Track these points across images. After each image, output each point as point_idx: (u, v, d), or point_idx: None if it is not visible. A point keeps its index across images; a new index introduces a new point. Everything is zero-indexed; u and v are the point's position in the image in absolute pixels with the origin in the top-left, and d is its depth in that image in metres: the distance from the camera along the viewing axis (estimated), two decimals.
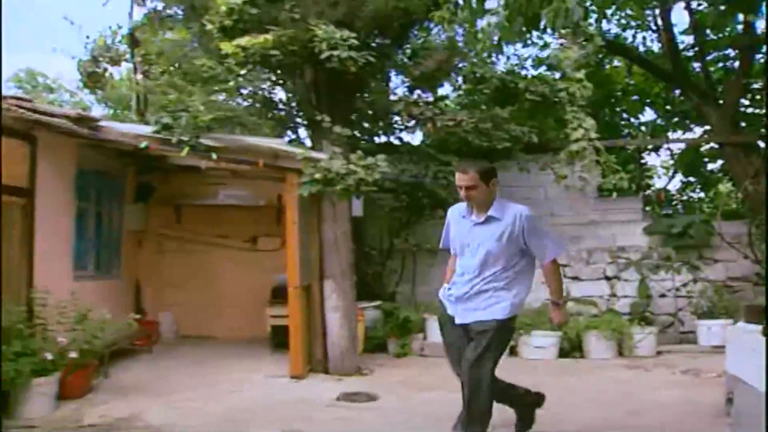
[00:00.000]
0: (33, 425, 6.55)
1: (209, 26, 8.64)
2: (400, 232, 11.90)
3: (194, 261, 12.22)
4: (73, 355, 7.25)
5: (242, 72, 8.86)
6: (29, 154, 8.02)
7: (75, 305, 7.91)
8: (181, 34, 10.30)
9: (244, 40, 8.08)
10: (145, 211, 11.83)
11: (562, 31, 9.62)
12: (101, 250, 10.47)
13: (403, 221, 11.71)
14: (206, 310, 12.12)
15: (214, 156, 8.22)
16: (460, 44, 9.96)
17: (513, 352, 10.30)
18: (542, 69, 13.31)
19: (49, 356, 6.94)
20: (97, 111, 19.75)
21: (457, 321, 5.41)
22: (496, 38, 5.97)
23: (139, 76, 13.24)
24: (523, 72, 13.83)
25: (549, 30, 8.17)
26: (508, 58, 13.64)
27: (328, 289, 9.13)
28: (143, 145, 8.26)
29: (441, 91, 12.06)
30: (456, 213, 5.61)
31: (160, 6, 11.89)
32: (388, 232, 12.02)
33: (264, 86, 9.59)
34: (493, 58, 10.43)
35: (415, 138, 12.32)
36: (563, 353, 10.54)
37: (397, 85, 11.53)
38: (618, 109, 17.51)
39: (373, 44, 9.36)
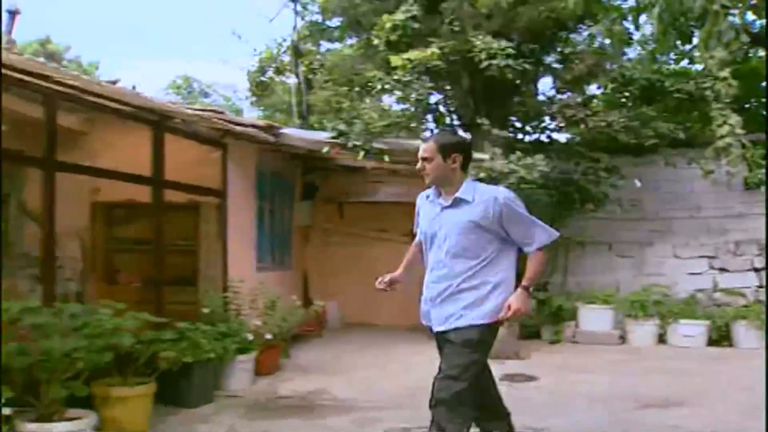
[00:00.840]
0: (237, 395, 7.56)
1: (376, 41, 9.49)
2: (553, 226, 12.38)
3: (356, 254, 13.15)
4: (268, 336, 8.25)
5: (408, 81, 9.64)
6: (221, 159, 9.06)
7: (262, 293, 8.95)
8: (351, 49, 11.23)
9: (413, 54, 8.89)
10: (311, 208, 12.83)
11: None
12: (276, 244, 11.50)
13: (554, 215, 12.26)
14: (368, 299, 12.95)
15: (387, 158, 9.06)
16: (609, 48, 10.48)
17: (662, 340, 10.75)
18: (684, 62, 13.59)
19: (250, 337, 7.94)
20: (250, 115, 21.04)
21: (435, 328, 4.74)
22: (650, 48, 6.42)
23: (288, 78, 14.29)
24: (665, 67, 14.10)
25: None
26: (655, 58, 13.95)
27: None
28: (325, 150, 9.19)
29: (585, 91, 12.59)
30: (424, 196, 4.82)
31: (320, 19, 12.95)
32: None
33: (423, 92, 10.36)
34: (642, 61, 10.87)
35: (562, 135, 12.88)
36: (712, 342, 10.89)
37: (546, 86, 12.16)
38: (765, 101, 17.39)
39: (527, 51, 9.98)
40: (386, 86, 9.85)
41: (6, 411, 4.65)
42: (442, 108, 11.50)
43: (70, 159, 6.83)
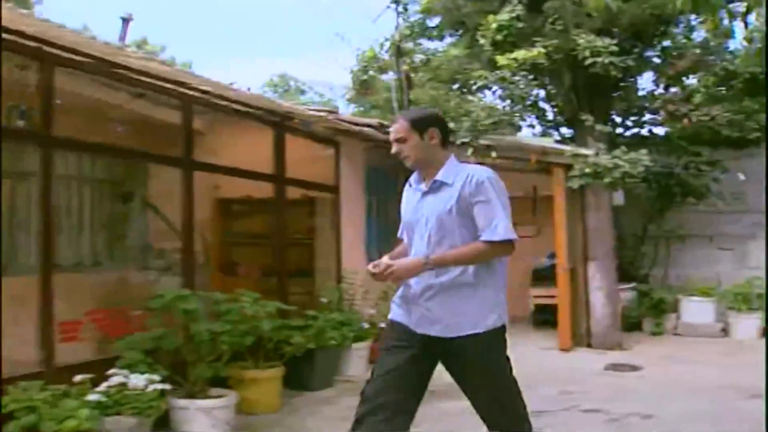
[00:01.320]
0: (354, 380, 8.00)
1: (482, 41, 9.81)
2: (653, 219, 12.53)
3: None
4: (382, 325, 8.67)
5: (514, 79, 9.92)
6: (334, 157, 9.52)
7: (373, 284, 9.36)
8: (458, 49, 11.56)
9: (519, 54, 9.18)
10: None
11: None
12: (382, 237, 11.91)
13: (655, 208, 12.34)
14: None
15: (494, 154, 9.37)
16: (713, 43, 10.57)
17: (765, 333, 10.79)
18: None
19: (366, 326, 8.38)
20: (346, 112, 21.46)
21: (418, 330, 3.83)
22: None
23: (387, 76, 14.61)
24: None
25: None
26: None
27: (591, 270, 10.09)
28: None
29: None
30: (408, 184, 4.08)
31: (422, 18, 13.31)
32: (642, 218, 12.69)
33: (527, 89, 10.61)
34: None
35: (662, 129, 12.94)
36: None
37: (646, 81, 12.27)
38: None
39: (630, 48, 10.16)
40: (492, 84, 10.15)
41: (160, 387, 5.14)
42: (543, 104, 11.76)
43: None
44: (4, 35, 5.05)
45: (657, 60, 11.27)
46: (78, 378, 4.80)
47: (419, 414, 6.52)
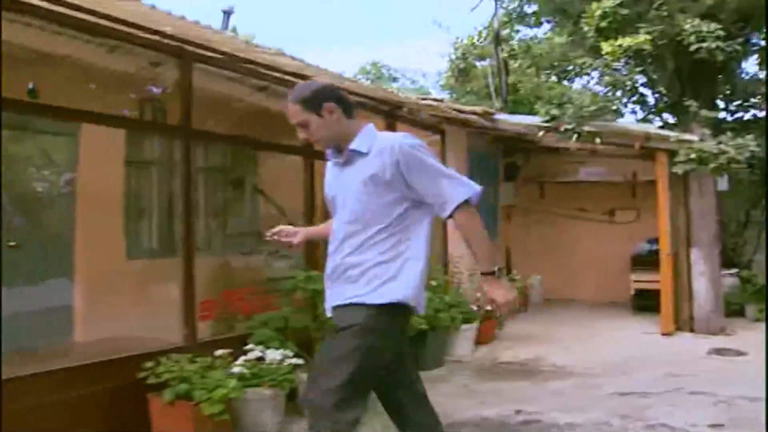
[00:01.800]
0: (462, 360, 8.30)
1: (585, 28, 9.92)
2: (757, 204, 12.45)
3: (556, 232, 13.67)
4: (488, 308, 8.93)
5: (617, 66, 10.03)
6: (441, 144, 9.81)
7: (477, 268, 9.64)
8: (562, 37, 11.69)
9: (625, 41, 9.27)
10: (514, 188, 13.44)
11: None
12: (484, 221, 12.15)
13: (759, 194, 12.25)
14: (568, 275, 13.51)
15: (598, 140, 9.50)
16: None
17: None
18: None
19: (474, 308, 8.66)
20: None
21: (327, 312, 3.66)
22: None
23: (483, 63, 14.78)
24: None
25: None
26: None
27: (694, 256, 10.13)
28: (540, 134, 9.77)
29: None
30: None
31: (519, 6, 13.48)
32: (745, 204, 12.64)
33: (630, 76, 10.66)
34: None
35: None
36: None
37: (750, 65, 12.17)
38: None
39: (736, 32, 10.12)
40: (594, 71, 10.26)
41: (293, 361, 5.52)
42: (645, 90, 11.79)
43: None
44: (146, 35, 5.47)
45: (763, 43, 11.18)
46: (219, 352, 5.19)
47: (530, 392, 6.81)
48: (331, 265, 3.53)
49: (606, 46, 9.42)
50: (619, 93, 10.66)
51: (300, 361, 5.56)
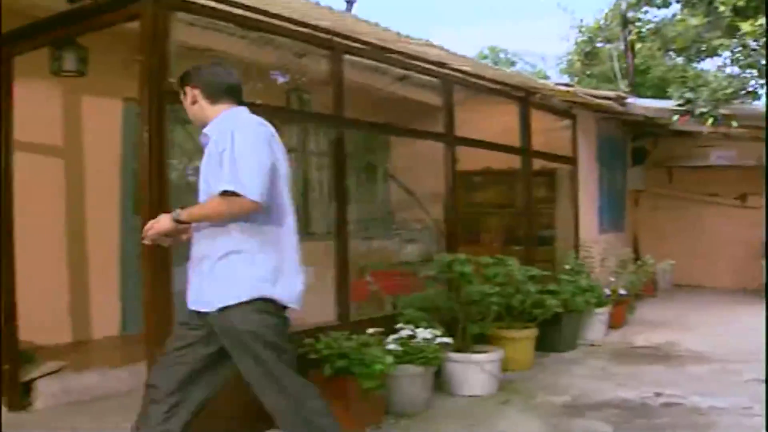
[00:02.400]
0: (595, 344, 8.37)
1: (721, 8, 9.78)
2: None
3: (685, 217, 13.49)
4: (623, 292, 8.97)
5: (755, 46, 9.86)
6: (571, 129, 9.85)
7: (609, 253, 9.71)
8: (696, 18, 11.52)
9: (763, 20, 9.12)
10: (642, 172, 13.33)
11: None
12: (611, 207, 12.15)
13: None
14: (697, 261, 13.32)
15: (735, 124, 9.38)
16: None
17: None
18: None
19: (607, 291, 8.72)
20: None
21: (189, 305, 3.49)
22: None
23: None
24: None
25: None
26: None
27: None
28: (675, 118, 9.71)
29: None
30: None
31: None
32: None
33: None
34: None
35: None
36: None
37: None
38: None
39: None
40: (726, 52, 10.11)
41: (443, 340, 5.73)
42: None
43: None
44: (301, 29, 5.75)
45: None
46: (371, 330, 5.44)
47: (668, 376, 6.82)
48: (191, 254, 3.49)
49: (745, 26, 9.28)
50: (754, 73, 10.45)
51: (449, 340, 5.78)
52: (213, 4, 5.02)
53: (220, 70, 3.59)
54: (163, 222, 3.37)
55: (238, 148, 3.20)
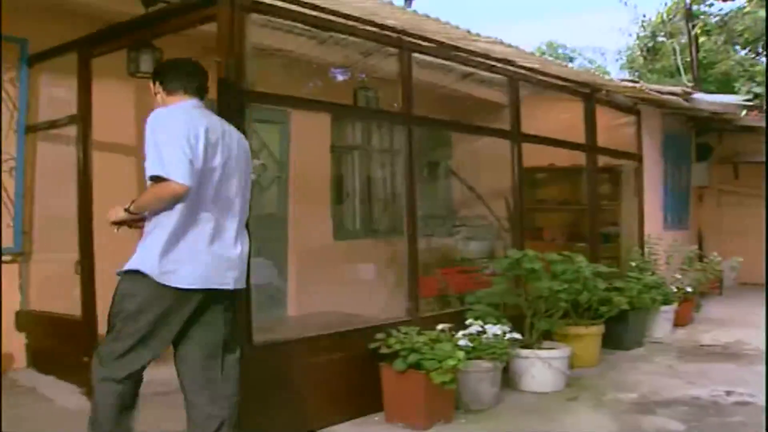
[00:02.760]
0: (661, 341, 8.31)
1: None
2: None
3: (751, 214, 13.20)
4: (689, 290, 8.89)
5: None
6: (636, 125, 9.77)
7: (675, 250, 9.62)
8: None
9: None
10: (707, 169, 13.15)
11: None
12: (675, 204, 12.03)
13: None
14: (762, 259, 13.07)
15: None
16: None
17: None
18: None
19: (674, 289, 8.64)
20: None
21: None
22: None
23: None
24: None
25: None
26: None
27: None
28: (743, 113, 9.59)
29: None
30: None
31: None
32: None
33: None
34: None
35: None
36: None
37: None
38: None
39: None
40: None
41: (512, 336, 5.76)
42: None
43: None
44: (370, 28, 5.82)
45: None
46: (440, 326, 5.49)
47: (738, 375, 6.73)
48: None
49: None
50: None
51: (518, 336, 5.81)
52: (286, 5, 5.11)
53: (182, 64, 3.86)
54: (114, 212, 3.70)
55: (160, 138, 3.40)
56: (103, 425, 3.53)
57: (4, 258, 6.37)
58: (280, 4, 5.06)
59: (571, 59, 29.45)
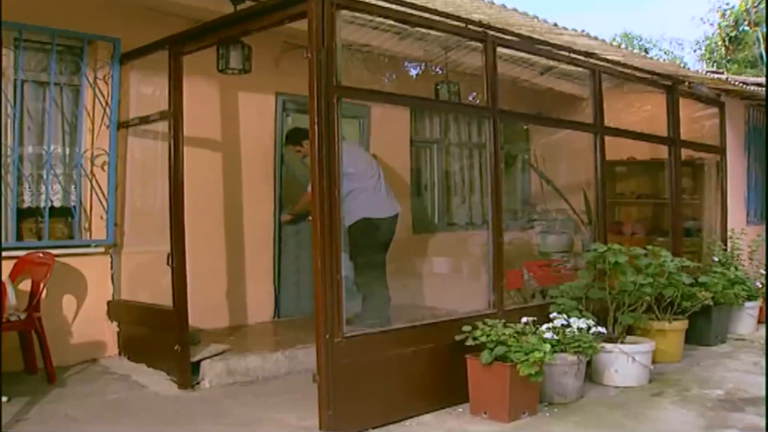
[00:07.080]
0: (744, 338, 8.16)
1: None
2: None
3: None
4: None
5: None
6: (719, 117, 9.60)
7: (754, 244, 9.46)
8: None
9: None
10: None
11: None
12: (760, 198, 11.78)
13: None
14: None
15: None
16: None
17: None
18: None
19: (759, 285, 8.48)
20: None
21: None
22: None
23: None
24: None
25: None
26: None
27: None
28: None
29: None
30: None
31: None
32: None
33: None
34: None
35: None
36: None
37: None
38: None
39: None
40: None
41: (597, 330, 5.74)
42: None
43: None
44: (453, 22, 5.84)
45: None
46: (524, 319, 5.50)
47: None
48: None
49: None
50: None
51: (603, 330, 5.79)
52: (375, 1, 5.17)
53: None
54: None
55: None
56: None
57: (96, 249, 6.60)
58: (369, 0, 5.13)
59: (646, 50, 28.97)
